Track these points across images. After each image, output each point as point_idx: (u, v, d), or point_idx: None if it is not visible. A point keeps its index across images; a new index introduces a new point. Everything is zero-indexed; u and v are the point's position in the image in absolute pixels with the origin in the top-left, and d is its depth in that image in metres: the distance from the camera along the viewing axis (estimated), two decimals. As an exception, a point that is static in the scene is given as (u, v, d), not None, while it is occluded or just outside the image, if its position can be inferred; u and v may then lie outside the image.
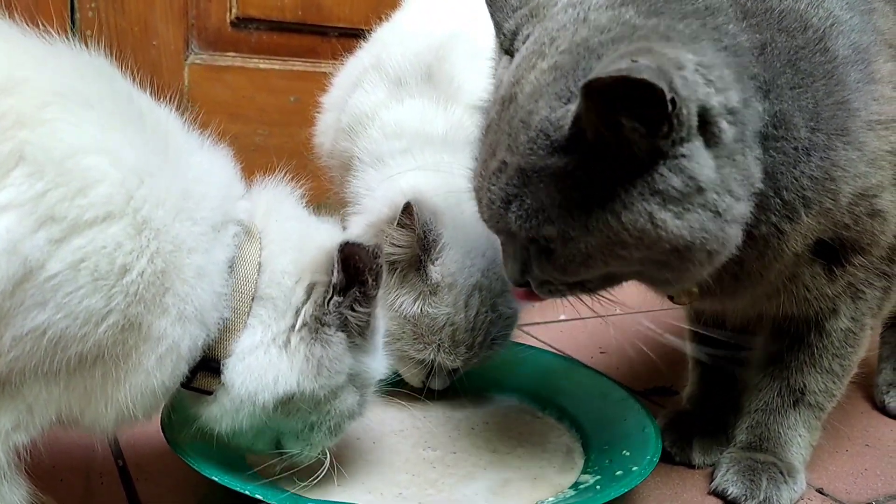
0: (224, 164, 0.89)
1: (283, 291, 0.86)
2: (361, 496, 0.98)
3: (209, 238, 0.81)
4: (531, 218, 0.83)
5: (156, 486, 1.01)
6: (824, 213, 0.94)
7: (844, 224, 0.97)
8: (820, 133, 0.89)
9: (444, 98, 1.36)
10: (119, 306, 0.71)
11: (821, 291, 1.03)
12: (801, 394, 1.11)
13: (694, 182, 0.78)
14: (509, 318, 1.22)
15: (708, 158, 0.79)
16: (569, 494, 1.02)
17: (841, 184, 0.93)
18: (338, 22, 2.28)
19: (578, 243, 0.83)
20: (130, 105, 0.79)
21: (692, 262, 0.84)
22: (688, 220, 0.80)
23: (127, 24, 2.05)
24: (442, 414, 1.24)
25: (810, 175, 0.90)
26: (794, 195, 0.91)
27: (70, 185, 0.68)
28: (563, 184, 0.81)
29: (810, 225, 0.94)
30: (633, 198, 0.79)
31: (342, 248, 0.86)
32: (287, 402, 0.86)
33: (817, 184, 0.91)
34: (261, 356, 0.85)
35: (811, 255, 1.00)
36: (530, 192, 0.82)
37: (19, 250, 0.66)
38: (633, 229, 0.80)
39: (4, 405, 0.73)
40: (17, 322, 0.67)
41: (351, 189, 1.37)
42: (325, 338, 0.87)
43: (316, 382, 0.87)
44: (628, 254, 0.83)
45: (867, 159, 0.94)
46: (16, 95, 0.68)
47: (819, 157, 0.90)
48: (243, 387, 0.84)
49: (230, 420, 0.86)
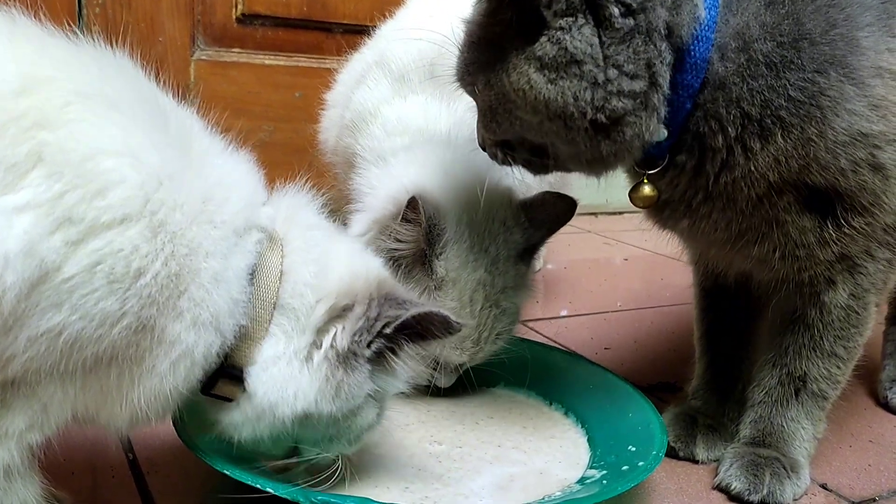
0: (247, 168, 0.88)
1: (304, 304, 0.85)
2: (368, 490, 0.99)
3: (230, 243, 0.80)
4: (466, 73, 1.01)
5: (166, 478, 1.02)
6: (807, 142, 0.95)
7: (840, 169, 0.97)
8: (799, 52, 0.93)
9: (448, 95, 1.36)
10: (133, 309, 0.71)
11: (811, 251, 1.03)
12: (802, 382, 1.11)
13: (566, 53, 0.88)
14: (513, 313, 1.23)
15: (589, 35, 0.88)
16: (575, 489, 1.02)
17: (829, 114, 0.94)
18: (342, 18, 2.29)
19: (485, 97, 0.98)
20: (155, 107, 0.79)
21: (579, 132, 0.92)
22: (560, 86, 0.89)
23: (133, 20, 2.06)
24: (448, 409, 1.25)
25: (785, 94, 0.93)
26: (761, 111, 0.94)
27: (88, 186, 0.68)
28: (481, 45, 0.98)
29: (790, 153, 0.96)
30: (518, 61, 0.91)
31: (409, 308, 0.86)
32: (305, 418, 0.86)
33: (797, 106, 0.94)
34: (283, 367, 0.84)
35: (801, 203, 1.00)
36: (469, 50, 1.00)
37: (36, 252, 0.65)
38: (516, 88, 0.92)
39: (19, 405, 0.73)
40: (32, 323, 0.67)
41: (354, 186, 1.37)
42: (353, 365, 0.86)
43: (333, 404, 0.86)
44: (522, 114, 0.95)
45: (869, 102, 0.94)
46: (37, 95, 0.68)
47: (798, 78, 0.93)
48: (265, 397, 0.84)
49: (251, 428, 0.86)
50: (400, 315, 0.85)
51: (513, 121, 0.96)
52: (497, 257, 1.20)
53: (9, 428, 0.73)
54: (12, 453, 0.74)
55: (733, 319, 1.24)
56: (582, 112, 0.90)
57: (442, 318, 0.87)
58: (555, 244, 2.23)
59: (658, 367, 1.54)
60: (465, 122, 1.34)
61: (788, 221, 1.01)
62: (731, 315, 1.24)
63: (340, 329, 0.86)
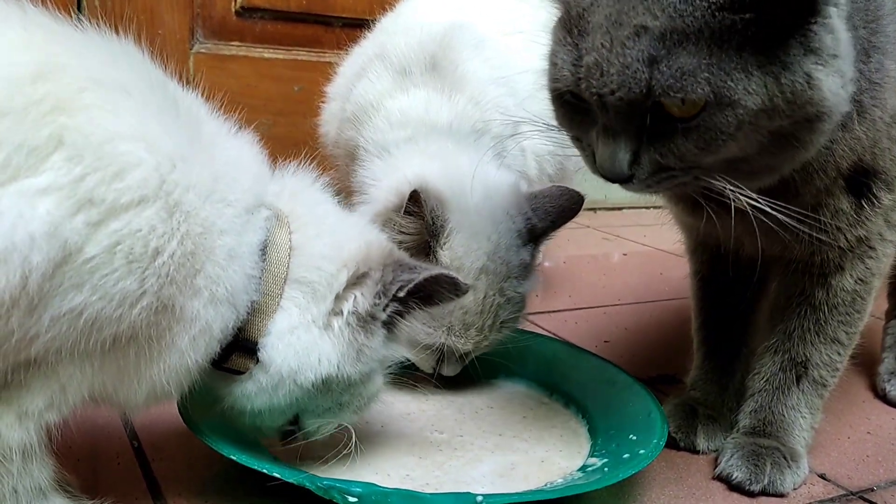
0: (253, 148, 0.91)
1: (323, 276, 0.88)
2: (369, 476, 1.00)
3: (242, 221, 0.83)
4: (683, 78, 0.79)
5: (171, 465, 1.02)
6: (872, 124, 0.94)
7: (883, 149, 0.97)
8: (878, 35, 0.91)
9: (449, 87, 1.38)
10: (152, 288, 0.73)
11: (836, 234, 1.02)
12: (804, 368, 1.12)
13: (837, 42, 0.79)
14: (518, 302, 1.24)
15: (840, 21, 0.81)
16: (577, 476, 1.03)
17: (889, 93, 0.93)
18: (342, 12, 2.29)
19: (735, 109, 0.80)
20: (164, 92, 0.81)
21: (816, 132, 0.84)
22: (832, 82, 0.80)
23: (133, 13, 2.05)
24: (450, 398, 1.26)
25: (868, 77, 0.91)
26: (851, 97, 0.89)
27: (108, 169, 0.69)
28: (724, 44, 0.79)
29: (860, 138, 0.94)
30: (790, 58, 0.79)
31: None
32: (325, 382, 0.89)
33: (872, 87, 0.92)
34: (303, 335, 0.87)
35: (844, 185, 0.99)
36: (684, 52, 0.79)
37: (59, 233, 0.67)
38: (789, 91, 0.79)
39: (39, 385, 0.74)
40: (54, 303, 0.69)
41: (357, 179, 1.38)
42: (371, 329, 0.90)
43: (355, 367, 0.90)
44: (770, 123, 0.82)
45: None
46: (54, 81, 0.70)
47: (877, 61, 0.91)
48: (285, 364, 0.86)
49: (266, 397, 0.88)
50: (413, 278, 0.90)
51: (750, 133, 0.83)
52: (499, 245, 1.21)
53: (28, 407, 0.74)
54: (31, 433, 0.75)
55: (731, 308, 1.24)
56: (833, 107, 0.82)
57: (450, 279, 0.92)
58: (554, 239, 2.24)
59: (657, 359, 1.55)
60: (466, 114, 1.36)
61: (829, 204, 1.01)
62: (729, 304, 1.24)
63: (360, 294, 0.89)
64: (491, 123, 1.38)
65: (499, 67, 1.45)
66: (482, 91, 1.40)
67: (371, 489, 0.87)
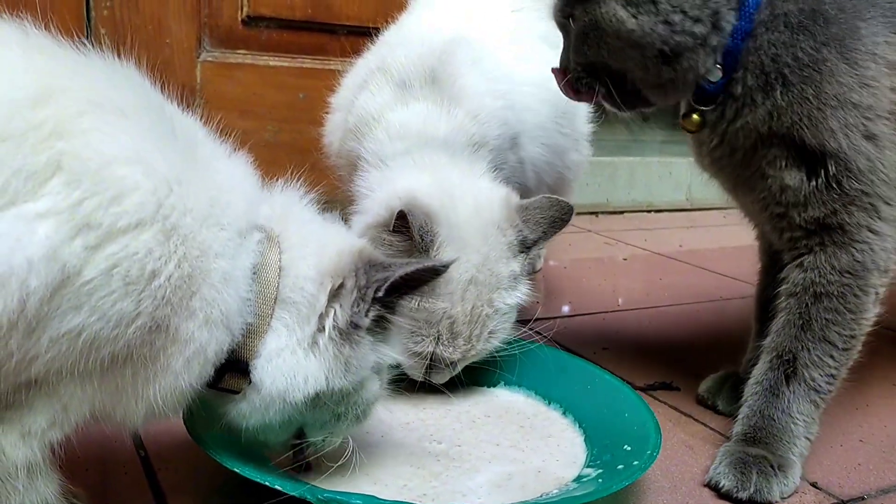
0: (246, 171, 0.92)
1: (305, 297, 0.89)
2: (366, 486, 1.02)
3: (235, 244, 0.84)
4: (565, 4, 1.14)
5: (177, 475, 1.05)
6: (802, 101, 1.09)
7: (830, 129, 1.08)
8: (814, 23, 1.09)
9: (447, 100, 1.40)
10: (147, 309, 0.74)
11: (788, 210, 1.13)
12: (792, 367, 1.13)
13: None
14: (506, 313, 1.26)
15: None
16: (572, 487, 1.05)
17: (824, 81, 1.08)
18: (346, 20, 2.31)
19: (579, 25, 1.13)
20: (162, 115, 0.82)
21: (649, 59, 1.10)
22: (639, 20, 1.07)
23: (141, 23, 2.08)
24: (449, 407, 1.28)
25: (793, 55, 1.09)
26: (771, 65, 1.10)
27: (105, 193, 0.70)
28: None
29: (783, 109, 1.10)
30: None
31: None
32: (316, 398, 0.90)
33: (800, 67, 1.09)
34: (288, 358, 0.88)
35: (789, 159, 1.12)
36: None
37: (58, 257, 0.68)
38: (606, 18, 1.08)
39: (41, 404, 0.76)
40: (53, 325, 0.70)
41: (354, 189, 1.41)
42: (356, 339, 0.90)
43: (345, 379, 0.90)
44: (608, 41, 1.10)
45: (860, 80, 1.08)
46: (53, 105, 0.71)
47: (807, 44, 1.08)
48: (273, 386, 0.87)
49: (259, 416, 0.90)
50: (388, 277, 0.89)
51: (600, 46, 1.12)
52: (488, 257, 1.23)
53: (31, 426, 0.76)
54: (35, 451, 0.77)
55: (766, 298, 1.29)
56: (651, 43, 1.08)
57: (429, 269, 0.92)
58: (555, 243, 2.25)
59: (656, 367, 1.56)
60: (463, 126, 1.38)
61: (772, 175, 1.13)
62: (765, 293, 1.30)
63: (338, 307, 0.89)
64: (489, 136, 1.41)
65: (497, 80, 1.48)
66: (480, 104, 1.43)
67: (370, 501, 0.89)
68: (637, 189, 3.20)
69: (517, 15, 1.66)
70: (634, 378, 1.46)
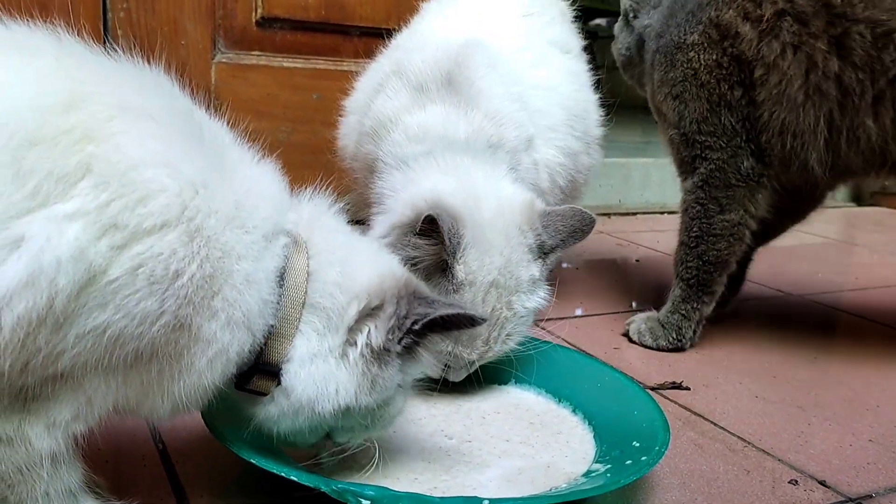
0: (274, 177, 0.93)
1: (335, 304, 0.90)
2: (377, 480, 1.03)
3: (260, 247, 0.85)
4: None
5: (194, 467, 1.07)
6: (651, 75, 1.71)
7: (662, 97, 1.66)
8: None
9: (465, 103, 1.41)
10: (171, 308, 0.76)
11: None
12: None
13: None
14: (524, 316, 1.28)
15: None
16: (581, 482, 1.06)
17: (655, 67, 1.69)
18: (360, 21, 2.33)
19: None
20: (190, 120, 0.84)
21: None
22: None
23: (157, 25, 2.11)
24: (459, 403, 1.30)
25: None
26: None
27: (132, 195, 0.73)
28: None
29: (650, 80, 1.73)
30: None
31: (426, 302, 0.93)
32: (346, 411, 0.92)
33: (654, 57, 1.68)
34: (321, 365, 0.90)
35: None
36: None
37: (85, 256, 0.71)
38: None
39: (66, 397, 0.78)
40: (80, 321, 0.72)
41: (375, 190, 1.42)
42: (386, 360, 0.92)
43: (371, 397, 0.92)
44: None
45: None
46: (83, 110, 0.73)
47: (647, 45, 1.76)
48: (304, 393, 0.89)
49: (289, 421, 0.91)
50: (429, 313, 0.91)
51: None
52: (510, 260, 1.24)
53: (56, 418, 0.78)
54: (59, 442, 0.79)
55: None
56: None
57: (467, 318, 0.94)
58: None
59: (666, 367, 1.58)
60: (481, 129, 1.40)
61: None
62: None
63: (374, 327, 0.91)
64: (506, 138, 1.42)
65: (512, 83, 1.49)
66: (497, 106, 1.44)
67: (383, 493, 0.91)
68: (650, 191, 3.21)
69: (527, 20, 1.67)
70: (645, 378, 1.48)
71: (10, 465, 0.78)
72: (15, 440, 0.77)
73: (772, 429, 1.33)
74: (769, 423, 1.35)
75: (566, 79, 1.66)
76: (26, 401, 0.76)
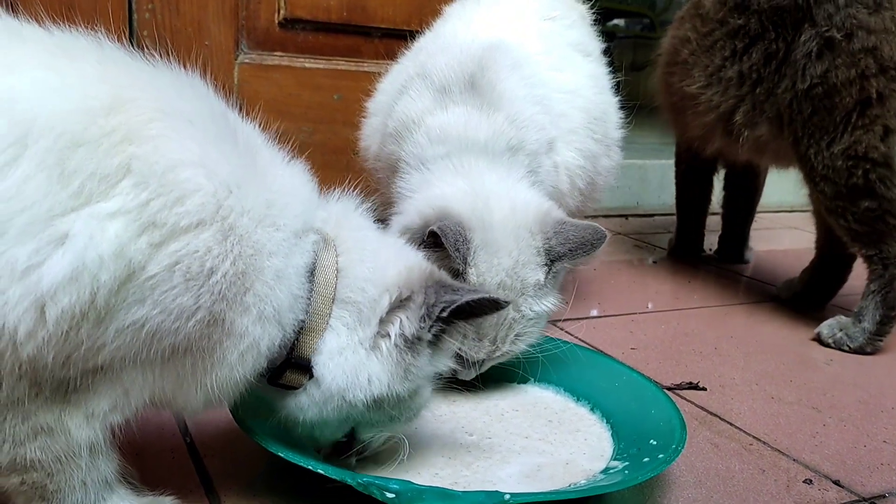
0: (304, 177, 0.96)
1: (366, 298, 0.94)
2: (399, 474, 1.05)
3: (290, 244, 0.88)
4: None
5: (221, 460, 1.10)
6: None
7: None
8: None
9: (487, 105, 1.43)
10: (206, 304, 0.79)
11: None
12: None
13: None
14: (532, 318, 1.28)
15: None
16: (599, 478, 1.08)
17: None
18: (381, 23, 2.34)
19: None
20: (225, 123, 0.87)
21: None
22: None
23: (181, 25, 2.13)
24: (479, 401, 1.32)
25: None
26: None
27: (170, 194, 0.76)
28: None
29: None
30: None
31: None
32: (376, 401, 0.94)
33: None
34: (350, 357, 0.93)
35: None
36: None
37: (125, 253, 0.74)
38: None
39: (105, 389, 0.81)
40: (119, 316, 0.75)
41: (396, 189, 1.44)
42: (418, 349, 0.95)
43: (403, 385, 0.95)
44: None
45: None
46: (125, 113, 0.76)
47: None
48: (335, 383, 0.92)
49: (318, 410, 0.94)
50: (455, 300, 0.94)
51: None
52: (518, 262, 1.25)
53: (95, 409, 0.81)
54: (97, 432, 0.82)
55: None
56: None
57: (492, 301, 0.97)
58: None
59: (684, 368, 1.59)
60: (502, 131, 1.41)
61: None
62: None
63: (405, 317, 0.94)
64: (527, 140, 1.43)
65: (534, 86, 1.51)
66: (519, 109, 1.45)
67: (407, 486, 0.93)
68: (667, 192, 3.20)
69: (548, 23, 1.69)
70: (662, 378, 1.49)
71: (49, 454, 0.80)
72: (55, 430, 0.80)
73: (787, 429, 1.35)
74: (784, 424, 1.37)
75: (587, 82, 1.67)
76: (66, 392, 0.79)
